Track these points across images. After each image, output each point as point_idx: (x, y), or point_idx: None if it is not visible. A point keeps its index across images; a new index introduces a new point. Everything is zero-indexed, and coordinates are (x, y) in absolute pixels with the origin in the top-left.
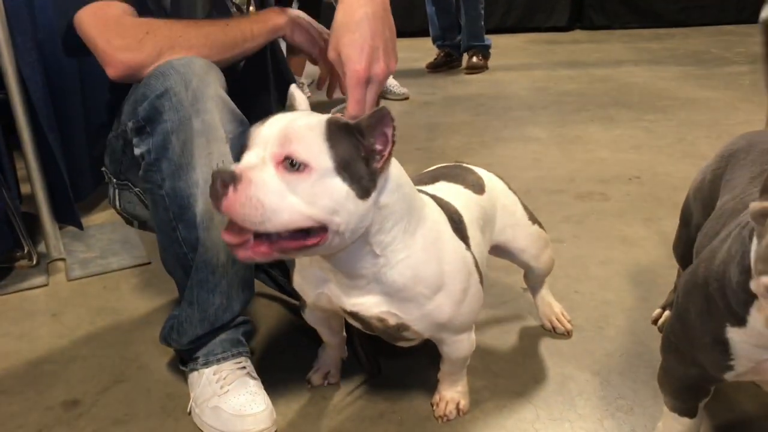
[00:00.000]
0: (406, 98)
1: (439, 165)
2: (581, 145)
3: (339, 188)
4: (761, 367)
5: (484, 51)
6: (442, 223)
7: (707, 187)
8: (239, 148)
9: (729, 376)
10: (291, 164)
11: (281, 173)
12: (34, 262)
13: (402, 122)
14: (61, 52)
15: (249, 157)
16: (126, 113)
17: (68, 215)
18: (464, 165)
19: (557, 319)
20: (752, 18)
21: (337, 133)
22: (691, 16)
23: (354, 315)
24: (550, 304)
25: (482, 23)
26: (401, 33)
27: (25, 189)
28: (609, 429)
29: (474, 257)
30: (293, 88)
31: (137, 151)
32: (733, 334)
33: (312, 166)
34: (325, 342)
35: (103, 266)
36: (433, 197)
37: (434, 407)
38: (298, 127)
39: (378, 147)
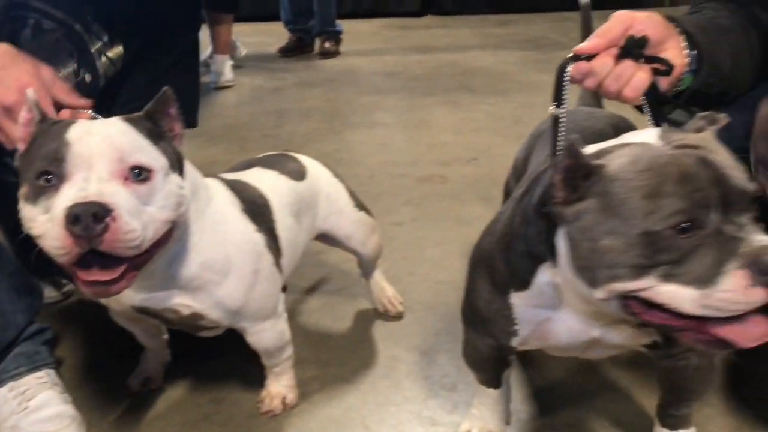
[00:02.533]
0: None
1: (263, 155)
2: (426, 129)
3: (177, 181)
4: (541, 330)
5: (336, 36)
6: (227, 204)
7: (521, 164)
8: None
9: (515, 341)
10: (137, 175)
11: (131, 188)
12: None
13: (250, 109)
14: None
15: (82, 185)
16: None
17: None
18: (290, 154)
19: (389, 302)
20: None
21: (145, 129)
22: (533, 2)
23: (144, 310)
24: (383, 288)
25: (334, 9)
26: (253, 17)
27: None
28: (432, 408)
29: (267, 239)
30: (30, 92)
31: None
32: (516, 299)
33: (155, 169)
34: (144, 345)
35: None
36: (236, 181)
37: (260, 404)
38: (122, 134)
39: (168, 128)
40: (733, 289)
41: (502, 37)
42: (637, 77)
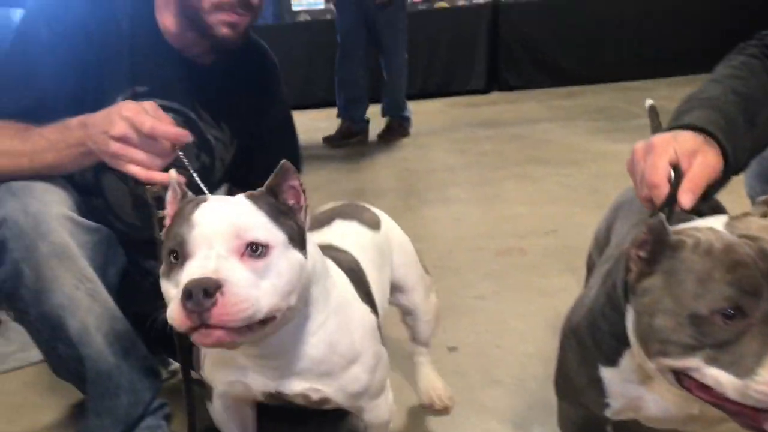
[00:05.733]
0: None
1: (334, 204)
2: (500, 202)
3: (296, 255)
4: (635, 404)
5: (404, 120)
6: (347, 285)
7: (602, 236)
8: (103, 255)
9: (609, 412)
10: (253, 251)
11: (247, 263)
12: None
13: (328, 190)
14: None
15: (202, 262)
16: None
17: None
18: (358, 203)
19: (437, 396)
20: (651, 74)
21: (266, 205)
22: (598, 74)
23: (276, 396)
24: (432, 380)
25: (403, 94)
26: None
27: None
28: None
29: (377, 317)
30: (172, 174)
31: None
32: (605, 373)
33: (272, 245)
34: None
35: (22, 360)
36: (331, 250)
37: None
38: (241, 212)
39: (292, 202)
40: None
41: (570, 108)
42: None
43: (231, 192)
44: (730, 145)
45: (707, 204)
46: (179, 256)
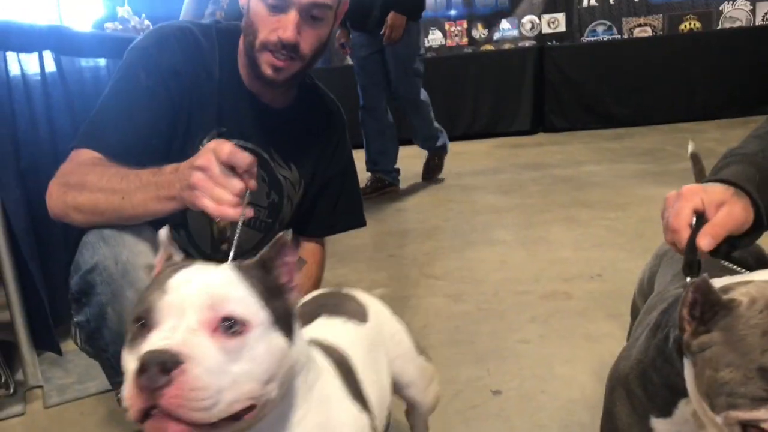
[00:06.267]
0: None
1: (317, 293)
2: (545, 245)
3: (278, 341)
4: None
5: (439, 152)
6: (333, 379)
7: (646, 284)
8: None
9: None
10: (228, 327)
11: (218, 340)
12: (11, 391)
13: (375, 230)
14: (44, 183)
15: (167, 333)
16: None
17: (47, 341)
18: (343, 292)
19: None
20: (701, 116)
21: (253, 278)
22: (645, 116)
23: None
24: None
25: (431, 126)
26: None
27: (1, 316)
28: None
29: (370, 419)
30: (162, 232)
31: (76, 319)
32: (657, 424)
33: (251, 323)
34: None
35: (80, 391)
36: (316, 342)
37: None
38: (221, 282)
39: (284, 279)
40: None
41: (617, 151)
42: None
43: (297, 240)
44: (761, 198)
45: (750, 254)
46: (146, 324)
